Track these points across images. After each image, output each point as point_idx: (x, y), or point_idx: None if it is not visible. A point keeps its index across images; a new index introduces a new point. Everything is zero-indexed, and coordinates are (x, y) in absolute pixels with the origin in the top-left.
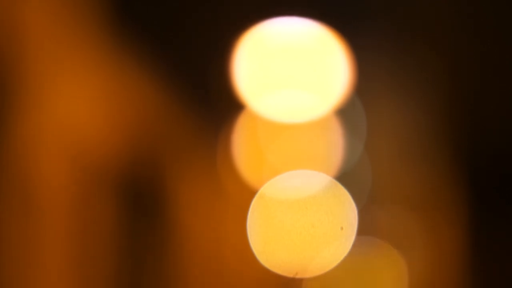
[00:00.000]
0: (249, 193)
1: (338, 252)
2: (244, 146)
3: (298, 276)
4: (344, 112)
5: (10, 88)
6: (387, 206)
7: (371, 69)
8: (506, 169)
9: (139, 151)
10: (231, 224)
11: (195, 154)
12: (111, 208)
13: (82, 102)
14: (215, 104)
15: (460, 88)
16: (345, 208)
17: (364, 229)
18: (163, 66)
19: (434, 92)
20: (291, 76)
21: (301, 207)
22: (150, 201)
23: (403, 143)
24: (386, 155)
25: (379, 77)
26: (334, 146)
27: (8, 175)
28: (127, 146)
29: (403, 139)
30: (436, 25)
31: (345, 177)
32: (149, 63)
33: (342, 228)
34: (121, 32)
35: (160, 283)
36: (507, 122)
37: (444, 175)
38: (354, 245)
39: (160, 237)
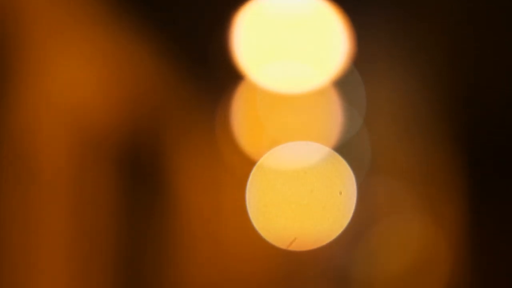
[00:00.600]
0: (248, 163)
1: (337, 224)
2: (243, 117)
3: (294, 246)
4: (343, 84)
5: (8, 59)
6: (385, 178)
7: (371, 41)
8: (504, 144)
9: (138, 122)
10: (230, 194)
11: (194, 124)
12: (110, 178)
13: (81, 73)
14: (215, 74)
15: (459, 63)
16: (344, 178)
17: (363, 201)
18: (163, 36)
19: (434, 65)
20: (291, 46)
21: (300, 177)
22: (149, 172)
23: (402, 116)
24: (385, 128)
25: (379, 49)
26: (333, 117)
27: (8, 146)
28: (126, 116)
29: (402, 112)
30: (437, 1)
31: (344, 149)
32: (148, 33)
33: (341, 193)
34: (120, 2)
35: (159, 253)
36: (506, 96)
37: (443, 148)
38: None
39: (159, 207)
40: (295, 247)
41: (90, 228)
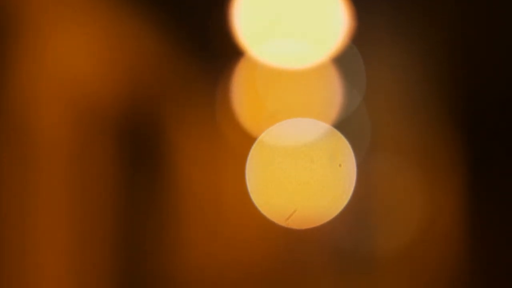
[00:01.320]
0: (248, 140)
1: (337, 201)
2: (243, 93)
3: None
4: (343, 60)
5: (9, 33)
6: (385, 155)
7: (371, 18)
8: (504, 122)
9: (138, 98)
10: (230, 171)
11: (194, 100)
12: (108, 151)
13: (81, 45)
14: (215, 50)
15: (461, 39)
16: (343, 155)
17: (363, 178)
18: (163, 10)
19: (434, 42)
20: (291, 23)
21: (299, 154)
22: (149, 148)
23: (401, 93)
24: (384, 105)
25: (379, 26)
26: (332, 94)
27: (7, 120)
28: (126, 92)
29: (401, 89)
30: None
31: (343, 126)
32: (149, 7)
33: (340, 165)
34: None
35: (159, 230)
36: (506, 73)
37: (442, 125)
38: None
39: (159, 183)
40: (295, 224)
41: (88, 200)
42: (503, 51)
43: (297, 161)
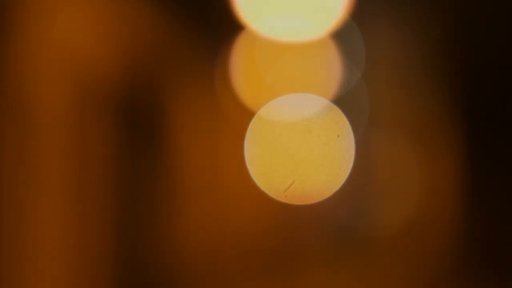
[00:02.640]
0: (247, 114)
1: (336, 176)
2: (242, 68)
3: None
4: (342, 36)
5: (8, 9)
6: (384, 131)
7: None
8: (502, 94)
9: (138, 72)
10: (229, 145)
11: (193, 74)
12: (109, 128)
13: (81, 23)
14: (214, 24)
15: (460, 16)
16: (342, 130)
17: (362, 154)
18: None
19: (433, 18)
20: None
21: (298, 129)
22: (148, 123)
23: (400, 68)
24: (384, 80)
25: (379, 1)
26: (331, 69)
27: (7, 96)
28: (125, 67)
29: (400, 65)
30: None
31: (342, 101)
32: None
33: (339, 136)
34: None
35: (158, 204)
36: (504, 49)
37: (441, 101)
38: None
39: (157, 158)
40: (294, 200)
41: (88, 176)
42: (503, 27)
43: (296, 136)
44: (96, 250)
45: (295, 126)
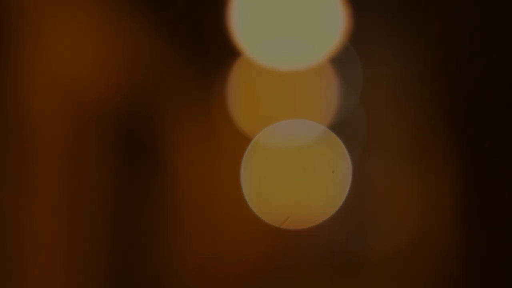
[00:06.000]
0: (244, 141)
1: (331, 202)
2: (239, 94)
3: (287, 224)
4: (340, 61)
5: (6, 28)
6: (381, 156)
7: (368, 19)
8: (500, 123)
9: (134, 96)
10: (225, 171)
11: (189, 100)
12: (104, 153)
13: (77, 42)
14: (211, 50)
15: (457, 40)
16: (338, 156)
17: (359, 179)
18: (159, 9)
19: (431, 43)
20: (287, 23)
21: (295, 155)
22: (144, 147)
23: (398, 94)
24: (381, 106)
25: (376, 26)
26: (329, 95)
27: (3, 115)
28: (122, 91)
29: (398, 90)
30: None
31: (339, 127)
32: (144, 7)
33: (333, 172)
34: None
35: (153, 230)
36: (502, 73)
37: (439, 126)
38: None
39: (153, 184)
40: (290, 224)
41: (83, 198)
42: (500, 53)
43: (292, 162)
44: (91, 272)
45: (292, 152)
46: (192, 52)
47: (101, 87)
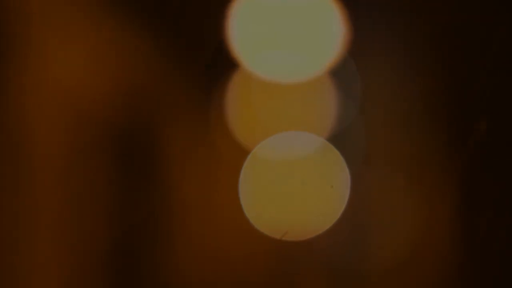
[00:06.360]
0: (242, 153)
1: (330, 215)
2: (237, 106)
3: (286, 237)
4: (338, 74)
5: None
6: (380, 170)
7: (367, 31)
8: (500, 136)
9: (132, 109)
10: (223, 184)
11: (187, 111)
12: (103, 161)
13: (76, 57)
14: (209, 62)
15: (457, 53)
16: (337, 170)
17: (357, 193)
18: (157, 22)
19: (430, 56)
20: (286, 35)
21: (293, 168)
22: (142, 159)
23: (398, 107)
24: (380, 119)
25: (375, 39)
26: (327, 107)
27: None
28: (120, 101)
29: (398, 103)
30: None
31: (338, 140)
32: (143, 20)
33: (332, 187)
34: None
35: (150, 241)
36: (503, 89)
37: (438, 140)
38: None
39: (151, 195)
40: (288, 237)
41: (81, 203)
42: (501, 65)
43: (290, 175)
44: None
45: (290, 164)
46: (191, 63)
47: (99, 95)
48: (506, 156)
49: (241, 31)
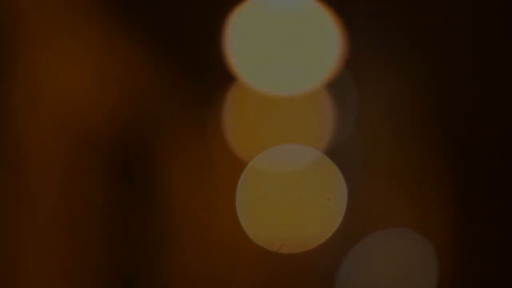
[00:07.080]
0: (239, 165)
1: (327, 227)
2: (234, 118)
3: (283, 250)
4: (336, 86)
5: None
6: (377, 182)
7: (364, 44)
8: (498, 145)
9: (129, 120)
10: (220, 196)
11: (185, 125)
12: (100, 176)
13: (73, 68)
14: (206, 75)
15: (455, 64)
16: (333, 182)
17: (354, 205)
18: (154, 35)
19: (428, 67)
20: (283, 48)
21: (290, 181)
22: (139, 172)
23: (395, 119)
24: (377, 131)
25: (372, 51)
26: (324, 120)
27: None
28: (117, 114)
29: (395, 116)
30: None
31: (335, 152)
32: (140, 33)
33: (328, 199)
34: (112, 2)
35: (148, 251)
36: (501, 97)
37: (436, 152)
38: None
39: (149, 209)
40: (285, 250)
41: (79, 224)
42: (498, 77)
43: (287, 187)
44: None
45: (287, 177)
46: (188, 77)
47: (96, 106)
48: (504, 162)
49: (239, 44)
